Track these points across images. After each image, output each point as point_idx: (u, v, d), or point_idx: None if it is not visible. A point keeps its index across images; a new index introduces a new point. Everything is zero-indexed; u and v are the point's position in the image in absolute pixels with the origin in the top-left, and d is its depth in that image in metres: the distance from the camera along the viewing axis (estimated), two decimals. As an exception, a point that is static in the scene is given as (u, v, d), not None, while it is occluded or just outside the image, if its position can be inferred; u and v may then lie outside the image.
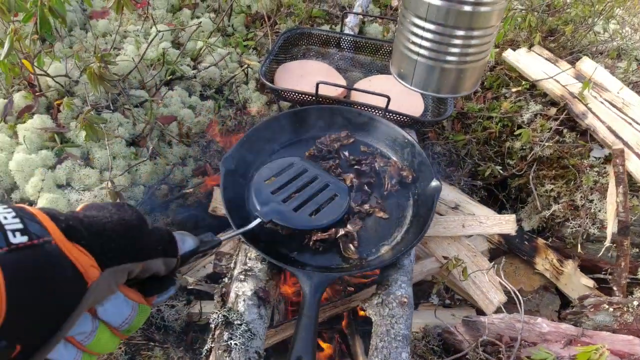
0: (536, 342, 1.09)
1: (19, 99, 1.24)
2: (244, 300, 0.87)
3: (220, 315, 0.82)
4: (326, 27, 2.09)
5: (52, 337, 0.35)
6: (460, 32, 0.94)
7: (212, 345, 0.82)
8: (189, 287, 1.26)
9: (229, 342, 0.80)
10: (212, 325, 0.84)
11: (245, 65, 1.59)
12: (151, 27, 1.76)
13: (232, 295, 0.89)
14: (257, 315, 0.86)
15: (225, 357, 0.78)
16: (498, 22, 0.97)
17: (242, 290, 0.88)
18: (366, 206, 1.09)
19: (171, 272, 0.47)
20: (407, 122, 1.29)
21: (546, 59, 2.00)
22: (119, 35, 1.62)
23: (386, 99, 1.22)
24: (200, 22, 1.74)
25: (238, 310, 0.85)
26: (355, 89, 1.28)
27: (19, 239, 0.33)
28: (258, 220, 0.91)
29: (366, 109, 1.28)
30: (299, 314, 0.81)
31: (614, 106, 1.77)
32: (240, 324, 0.82)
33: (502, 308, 1.26)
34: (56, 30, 1.51)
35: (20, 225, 0.33)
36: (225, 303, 0.88)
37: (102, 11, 1.89)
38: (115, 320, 0.42)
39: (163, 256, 0.44)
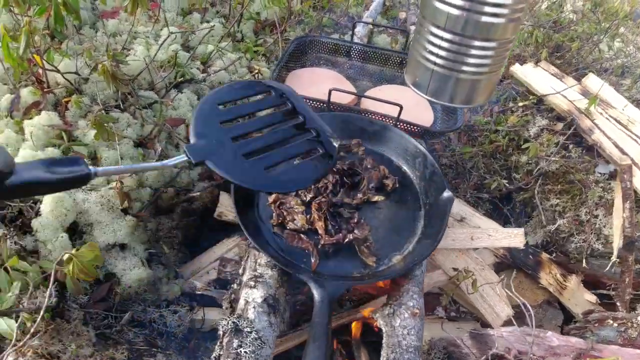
0: (545, 356, 1.08)
1: (27, 94, 1.22)
2: (254, 307, 0.85)
3: (229, 322, 0.81)
4: (335, 36, 2.10)
5: None
6: (478, 43, 0.94)
7: (221, 352, 0.80)
8: (196, 293, 1.24)
9: (238, 350, 0.78)
10: (221, 332, 0.82)
11: (256, 71, 1.58)
12: (161, 29, 1.76)
13: (242, 301, 0.87)
14: (268, 323, 0.84)
15: (235, 364, 0.76)
16: (514, 34, 0.98)
17: (252, 297, 0.86)
18: (359, 195, 1.08)
19: None
20: (417, 132, 1.29)
21: (552, 74, 2.02)
22: (130, 36, 1.61)
23: (398, 108, 1.21)
24: (213, 26, 1.73)
25: (248, 317, 0.83)
26: (368, 97, 1.28)
27: None
28: (182, 158, 0.67)
29: (378, 117, 1.28)
30: (311, 324, 0.79)
31: (619, 123, 1.78)
32: (250, 332, 0.80)
33: (513, 321, 1.25)
34: (66, 26, 1.50)
35: None
36: (234, 309, 0.87)
37: (112, 11, 1.88)
38: None
39: None
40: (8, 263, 0.85)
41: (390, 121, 1.26)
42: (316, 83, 1.50)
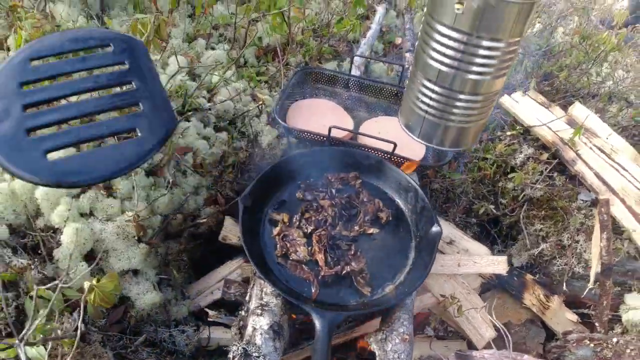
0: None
1: None
2: (260, 334, 0.95)
3: (239, 348, 0.90)
4: (334, 62, 2.20)
5: None
6: (465, 97, 1.04)
7: (231, 375, 0.89)
8: (207, 317, 1.33)
9: (247, 374, 0.87)
10: (231, 356, 0.91)
11: (260, 102, 1.68)
12: (169, 57, 1.85)
13: (250, 328, 0.97)
14: (273, 347, 0.94)
15: (244, 387, 0.86)
16: (500, 88, 1.09)
17: (259, 324, 0.96)
18: (356, 227, 1.18)
19: None
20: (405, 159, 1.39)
21: (540, 103, 2.13)
22: None
23: (392, 145, 1.32)
24: (221, 63, 1.83)
25: (256, 343, 0.92)
26: (364, 134, 1.38)
27: None
28: None
29: (373, 151, 1.38)
30: (313, 350, 0.89)
31: (603, 152, 1.89)
32: (258, 356, 0.90)
33: (492, 344, 1.35)
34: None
35: None
36: (242, 335, 0.96)
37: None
38: None
39: None
40: (37, 292, 0.94)
41: (385, 155, 1.36)
42: (317, 114, 1.60)
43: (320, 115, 1.59)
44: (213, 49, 2.10)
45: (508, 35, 0.89)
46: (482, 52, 0.92)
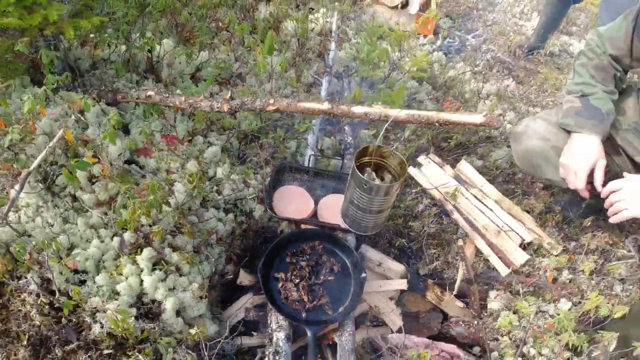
0: (410, 347, 2.25)
1: (128, 236, 2.18)
2: (281, 341, 1.94)
3: (272, 349, 1.89)
4: (295, 141, 3.16)
5: None
6: (369, 215, 2.06)
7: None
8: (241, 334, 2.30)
9: (276, 357, 1.87)
10: (267, 352, 1.90)
11: (250, 187, 2.64)
12: (185, 162, 2.74)
13: (275, 337, 1.96)
14: (288, 346, 1.94)
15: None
16: (388, 208, 2.12)
17: (279, 336, 1.96)
18: (321, 277, 2.20)
19: None
20: (346, 230, 2.42)
21: (436, 163, 3.22)
22: (163, 172, 2.59)
23: (340, 222, 2.33)
24: (220, 161, 2.75)
25: (280, 346, 1.92)
26: (314, 221, 2.38)
27: None
28: None
29: (328, 226, 2.39)
30: (308, 346, 1.90)
31: (476, 198, 3.00)
32: (281, 352, 1.89)
33: (402, 328, 2.42)
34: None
35: None
36: (272, 342, 1.95)
37: (145, 149, 2.83)
38: None
39: None
40: (163, 341, 1.87)
41: (329, 227, 2.38)
42: (291, 198, 2.58)
43: (294, 199, 2.58)
44: (210, 143, 3.00)
45: (384, 194, 1.92)
46: (376, 199, 1.96)
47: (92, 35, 3.16)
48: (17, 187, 1.90)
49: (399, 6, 4.65)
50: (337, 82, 3.83)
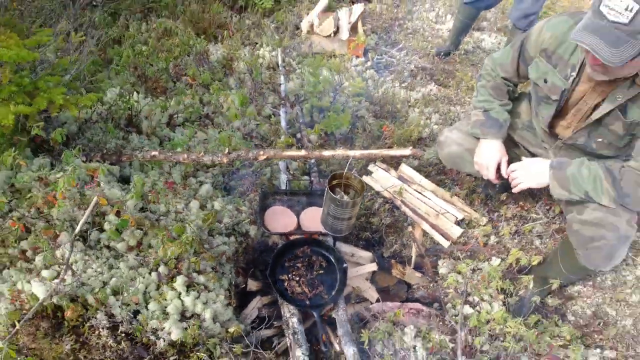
0: (386, 310, 3.06)
1: (163, 269, 2.79)
2: (295, 324, 2.66)
3: (291, 332, 2.61)
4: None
5: None
6: (343, 221, 2.82)
7: (288, 339, 2.60)
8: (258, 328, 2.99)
9: (294, 336, 2.59)
10: (287, 334, 2.61)
11: (246, 217, 3.32)
12: (187, 205, 3.36)
13: (290, 322, 2.68)
14: (301, 327, 2.67)
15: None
16: (359, 205, 2.89)
17: (293, 321, 2.68)
18: (314, 272, 2.95)
19: None
20: (325, 234, 3.17)
21: (383, 169, 4.04)
22: (172, 214, 3.21)
23: (321, 229, 3.08)
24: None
25: (295, 328, 2.64)
26: (308, 232, 3.12)
27: None
28: None
29: (312, 234, 3.13)
30: (317, 324, 2.64)
31: (417, 191, 3.86)
32: (297, 332, 2.61)
33: (380, 298, 3.22)
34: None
35: None
36: (289, 327, 2.67)
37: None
38: None
39: None
40: (210, 342, 2.52)
41: (316, 234, 3.12)
42: (278, 217, 3.29)
43: (280, 216, 3.29)
44: (201, 182, 3.63)
45: (352, 206, 2.69)
46: (346, 210, 2.72)
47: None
48: (66, 247, 2.48)
49: (332, 35, 5.43)
50: (292, 111, 4.56)
